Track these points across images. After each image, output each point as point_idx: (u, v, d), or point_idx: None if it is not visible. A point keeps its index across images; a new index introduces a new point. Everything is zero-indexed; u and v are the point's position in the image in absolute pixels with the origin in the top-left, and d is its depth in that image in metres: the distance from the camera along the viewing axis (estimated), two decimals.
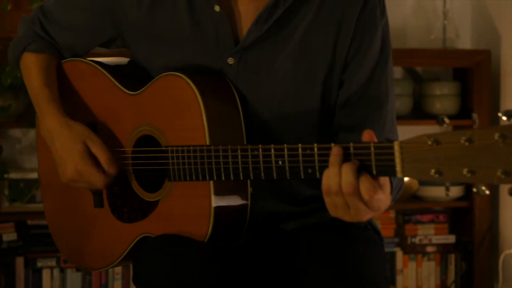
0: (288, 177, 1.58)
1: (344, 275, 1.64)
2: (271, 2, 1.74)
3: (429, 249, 4.08)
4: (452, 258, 4.09)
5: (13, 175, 3.55)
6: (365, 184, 1.47)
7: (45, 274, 3.63)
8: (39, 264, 3.62)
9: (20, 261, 3.60)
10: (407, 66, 4.15)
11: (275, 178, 1.60)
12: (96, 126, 1.91)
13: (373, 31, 1.76)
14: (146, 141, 1.82)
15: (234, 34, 1.78)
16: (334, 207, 1.52)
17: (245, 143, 1.73)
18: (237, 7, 1.79)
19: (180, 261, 1.67)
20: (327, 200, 1.52)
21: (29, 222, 3.63)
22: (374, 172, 1.47)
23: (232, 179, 1.66)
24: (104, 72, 1.90)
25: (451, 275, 4.08)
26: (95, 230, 1.92)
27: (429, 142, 1.40)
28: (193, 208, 1.73)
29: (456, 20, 4.13)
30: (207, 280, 1.65)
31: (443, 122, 1.49)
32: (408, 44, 4.18)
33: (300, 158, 1.55)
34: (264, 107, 1.77)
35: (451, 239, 4.11)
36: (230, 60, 1.77)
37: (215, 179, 1.68)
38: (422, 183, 4.01)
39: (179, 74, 1.74)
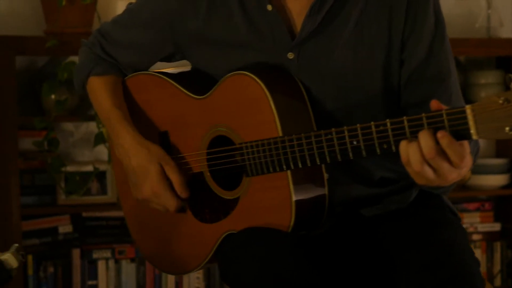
0: (364, 155, 1.63)
1: (440, 263, 1.67)
2: None
3: (475, 237, 4.11)
4: (498, 246, 4.11)
5: (69, 168, 3.60)
6: (445, 140, 1.51)
7: (101, 265, 3.68)
8: (95, 255, 3.67)
9: (76, 253, 3.65)
10: None
11: (351, 158, 1.65)
12: (167, 134, 1.96)
13: (426, 7, 1.80)
14: (220, 142, 1.87)
15: (289, 30, 1.83)
16: (418, 175, 1.57)
17: (315, 131, 1.76)
18: (287, 4, 1.84)
19: (271, 251, 1.71)
20: (410, 169, 1.57)
21: (84, 214, 3.68)
22: None
23: (309, 165, 1.71)
24: (170, 80, 1.95)
25: (497, 263, 4.11)
26: (179, 234, 1.96)
27: (500, 101, 1.45)
28: (273, 200, 1.77)
29: (499, 9, 4.15)
30: (300, 268, 1.69)
31: (510, 80, 1.52)
32: (452, 34, 4.19)
33: (374, 135, 1.61)
34: (328, 96, 1.81)
35: (496, 227, 4.14)
36: (290, 55, 1.82)
37: (292, 168, 1.73)
38: (473, 171, 4.03)
39: (244, 72, 1.80)
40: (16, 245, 1.83)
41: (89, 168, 3.64)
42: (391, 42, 1.80)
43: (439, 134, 1.51)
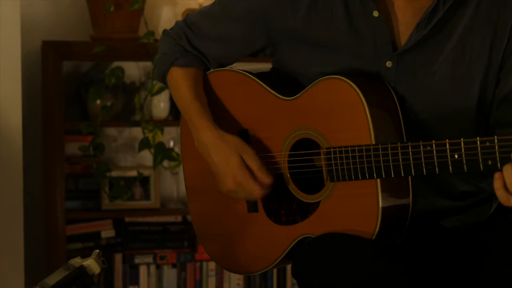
0: (466, 170, 1.62)
1: None
2: (431, 7, 1.78)
3: None
4: None
5: (114, 173, 3.61)
6: None
7: (142, 270, 3.69)
8: (137, 260, 3.68)
9: (118, 258, 3.66)
10: None
11: (451, 172, 1.63)
12: (247, 132, 1.95)
13: None
14: (302, 145, 1.86)
15: (391, 38, 1.82)
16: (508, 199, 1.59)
17: (404, 141, 1.76)
18: (394, 12, 1.82)
19: (359, 257, 1.70)
20: (500, 194, 1.59)
21: (127, 219, 3.69)
22: None
23: (402, 175, 1.70)
24: (255, 79, 1.93)
25: None
26: (249, 234, 1.95)
27: None
28: (358, 207, 1.76)
29: None
30: (389, 274, 1.68)
31: None
32: None
33: (479, 150, 1.59)
34: (422, 108, 1.80)
35: None
36: (389, 64, 1.81)
37: (383, 177, 1.72)
38: None
39: (340, 77, 1.78)
40: (97, 250, 1.83)
41: (133, 173, 3.65)
42: (490, 60, 1.79)
43: None
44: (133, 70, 3.75)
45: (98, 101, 3.55)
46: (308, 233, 1.83)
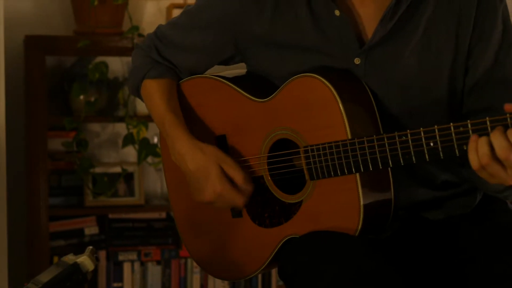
0: (442, 157, 1.62)
1: None
2: (394, 1, 1.78)
3: None
4: None
5: (97, 170, 3.57)
6: None
7: (126, 267, 3.66)
8: (120, 257, 3.65)
9: (102, 255, 3.63)
10: None
11: (427, 160, 1.64)
12: (225, 138, 1.94)
13: (494, 16, 1.80)
14: (281, 145, 1.85)
15: (357, 35, 1.82)
16: (491, 176, 1.59)
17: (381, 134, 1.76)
18: (356, 10, 1.83)
19: (344, 254, 1.69)
20: (482, 174, 1.59)
21: (111, 216, 3.65)
22: None
23: (380, 168, 1.70)
24: (228, 83, 1.93)
25: None
26: (236, 239, 1.94)
27: None
28: (340, 203, 1.75)
29: None
30: (379, 269, 1.67)
31: None
32: None
33: (453, 136, 1.59)
34: (393, 102, 1.80)
35: None
36: (357, 61, 1.81)
37: (362, 171, 1.72)
38: None
39: (312, 74, 1.77)
40: (91, 247, 1.81)
41: (117, 169, 3.62)
42: (457, 49, 1.80)
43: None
44: (117, 65, 3.72)
45: (82, 97, 3.52)
46: (293, 233, 1.82)
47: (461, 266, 1.76)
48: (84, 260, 1.73)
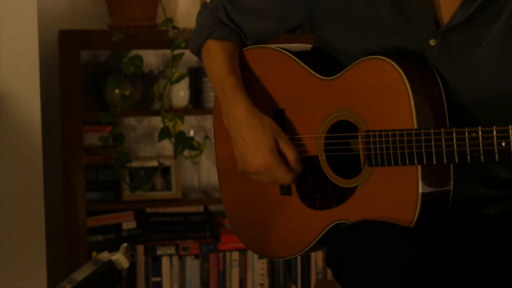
0: None
1: None
2: None
3: None
4: None
5: (134, 164, 3.56)
6: None
7: (165, 261, 3.64)
8: (159, 252, 3.63)
9: (140, 249, 3.61)
10: None
11: (497, 160, 1.57)
12: (283, 112, 1.88)
13: None
14: (340, 127, 1.80)
15: (434, 17, 1.75)
16: None
17: (447, 126, 1.70)
18: None
19: (397, 245, 1.64)
20: None
21: (148, 210, 3.64)
22: None
23: (445, 162, 1.63)
24: (293, 57, 1.86)
25: None
26: (282, 218, 1.89)
27: None
28: (396, 193, 1.69)
29: None
30: (427, 262, 1.62)
31: None
32: None
33: None
34: (466, 90, 1.73)
35: None
36: (432, 42, 1.74)
37: (424, 163, 1.65)
38: None
39: (383, 57, 1.71)
40: (125, 244, 1.78)
41: (154, 163, 3.60)
42: None
43: None
44: (152, 58, 3.70)
45: (117, 91, 3.50)
46: (343, 219, 1.77)
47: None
48: (119, 257, 1.71)
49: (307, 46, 1.93)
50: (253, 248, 1.98)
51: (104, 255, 1.73)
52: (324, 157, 1.82)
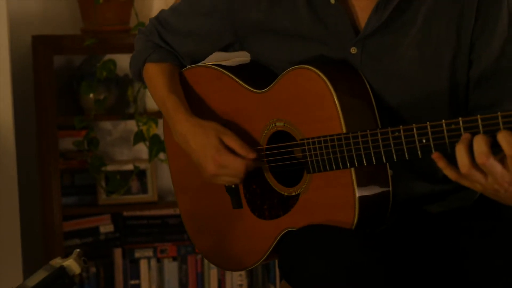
0: None
1: None
2: None
3: None
4: None
5: (110, 168, 3.57)
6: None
7: (143, 264, 3.65)
8: (136, 254, 3.64)
9: (117, 252, 3.62)
10: None
11: (419, 157, 1.60)
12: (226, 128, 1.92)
13: (498, 7, 1.75)
14: (279, 137, 1.84)
15: (353, 25, 1.78)
16: (474, 184, 1.55)
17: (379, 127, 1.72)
18: None
19: (339, 248, 1.67)
20: (465, 183, 1.55)
21: (125, 213, 3.65)
22: None
23: (374, 163, 1.66)
24: (228, 74, 1.92)
25: None
26: (237, 231, 1.93)
27: None
28: (336, 197, 1.73)
29: None
30: (370, 264, 1.65)
31: None
32: None
33: (445, 134, 1.55)
34: (391, 94, 1.77)
35: None
36: (353, 50, 1.78)
37: (356, 165, 1.69)
38: None
39: (307, 66, 1.75)
40: (78, 250, 1.80)
41: (129, 167, 3.61)
42: (459, 42, 1.75)
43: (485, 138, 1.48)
44: (126, 62, 3.66)
45: (91, 95, 3.51)
46: (291, 226, 1.81)
47: (460, 260, 1.72)
48: (71, 263, 1.73)
49: (245, 60, 1.98)
50: (212, 260, 2.03)
51: (57, 261, 1.75)
52: (267, 168, 1.85)
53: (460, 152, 1.52)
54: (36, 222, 3.59)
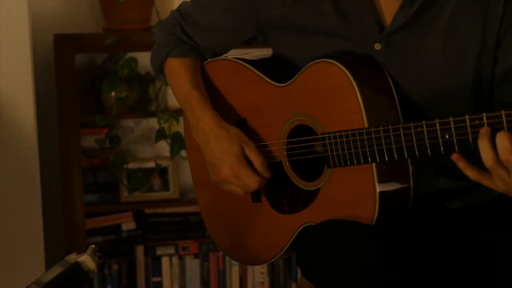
0: (457, 150, 1.57)
1: None
2: None
3: None
4: None
5: (131, 165, 3.59)
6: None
7: (164, 261, 3.66)
8: (158, 252, 3.65)
9: (139, 250, 3.63)
10: None
11: (442, 152, 1.59)
12: (246, 121, 1.92)
13: None
14: (300, 131, 1.83)
15: (378, 20, 1.78)
16: (496, 183, 1.53)
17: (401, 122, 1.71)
18: None
19: (357, 243, 1.67)
20: (487, 183, 1.55)
21: (147, 211, 3.66)
22: None
23: (396, 158, 1.65)
24: (250, 67, 1.91)
25: None
26: (255, 225, 1.93)
27: None
28: (356, 193, 1.72)
29: None
30: (387, 260, 1.65)
31: None
32: None
33: (469, 129, 1.54)
34: (415, 90, 1.76)
35: None
36: (377, 46, 1.77)
37: (377, 160, 1.68)
38: None
39: (329, 60, 1.74)
40: (93, 246, 1.81)
41: (151, 164, 3.63)
42: (485, 38, 1.74)
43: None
44: (147, 60, 3.69)
45: (113, 93, 3.53)
46: (310, 221, 1.80)
47: (479, 256, 1.71)
48: (85, 259, 1.74)
49: (267, 54, 1.97)
50: (231, 254, 2.03)
51: (72, 257, 1.76)
52: (287, 162, 1.85)
53: (484, 146, 1.51)
54: (58, 220, 3.62)
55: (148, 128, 3.76)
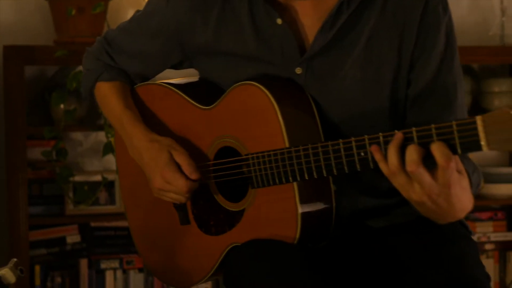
0: (372, 167, 1.60)
1: (452, 279, 1.66)
2: (334, 10, 1.77)
3: (488, 246, 4.06)
4: (510, 255, 4.07)
5: (78, 178, 3.58)
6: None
7: (109, 275, 3.66)
8: (103, 265, 3.65)
9: (84, 263, 3.63)
10: (464, 63, 4.10)
11: (358, 169, 1.61)
12: None
13: (437, 29, 1.78)
14: (226, 152, 1.85)
15: (299, 45, 1.81)
16: (403, 189, 1.56)
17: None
18: (299, 18, 1.82)
19: (279, 263, 1.69)
20: (394, 181, 1.57)
21: (92, 224, 3.66)
22: (459, 150, 1.49)
23: (315, 177, 1.68)
24: (177, 91, 1.94)
25: (510, 273, 4.07)
26: (185, 247, 1.95)
27: None
28: (279, 212, 1.75)
29: None
30: (308, 279, 1.67)
31: None
32: (465, 42, 4.16)
33: (382, 146, 1.57)
34: (334, 112, 1.79)
35: (509, 236, 4.08)
36: (298, 70, 1.80)
37: (298, 179, 1.70)
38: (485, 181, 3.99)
39: (251, 82, 1.78)
40: (15, 259, 1.82)
41: (98, 177, 3.63)
42: (400, 62, 1.79)
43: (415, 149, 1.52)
44: None
45: (62, 106, 3.53)
46: (236, 241, 1.82)
47: (398, 274, 1.74)
48: (5, 272, 1.74)
49: (194, 78, 1.99)
50: (162, 278, 2.04)
51: None
52: (213, 184, 1.86)
53: (392, 151, 1.54)
54: (2, 231, 3.60)
55: (97, 142, 3.76)
